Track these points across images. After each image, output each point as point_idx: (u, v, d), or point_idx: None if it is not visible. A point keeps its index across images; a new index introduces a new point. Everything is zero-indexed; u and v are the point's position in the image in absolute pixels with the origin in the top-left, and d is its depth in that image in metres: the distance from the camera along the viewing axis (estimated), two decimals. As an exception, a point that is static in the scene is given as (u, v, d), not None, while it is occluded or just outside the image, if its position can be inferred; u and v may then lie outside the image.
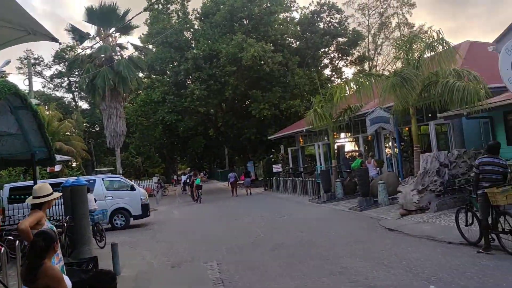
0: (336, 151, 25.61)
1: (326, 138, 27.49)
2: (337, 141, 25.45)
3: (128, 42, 26.66)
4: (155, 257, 10.78)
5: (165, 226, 17.17)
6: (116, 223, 17.27)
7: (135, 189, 17.90)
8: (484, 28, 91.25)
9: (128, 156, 51.07)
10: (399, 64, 14.24)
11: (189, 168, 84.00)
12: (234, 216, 17.47)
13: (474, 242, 8.37)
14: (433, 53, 13.61)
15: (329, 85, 30.96)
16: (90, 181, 17.47)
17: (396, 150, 19.05)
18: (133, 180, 41.54)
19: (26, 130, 12.23)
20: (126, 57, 25.93)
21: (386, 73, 15.16)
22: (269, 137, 34.49)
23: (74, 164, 52.48)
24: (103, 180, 17.89)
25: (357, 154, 19.87)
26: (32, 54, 66.44)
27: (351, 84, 15.57)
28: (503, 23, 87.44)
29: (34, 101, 21.44)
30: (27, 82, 20.01)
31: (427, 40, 13.46)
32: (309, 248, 9.80)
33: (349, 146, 28.27)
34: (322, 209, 17.27)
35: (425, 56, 13.87)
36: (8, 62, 19.60)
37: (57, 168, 27.26)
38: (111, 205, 17.10)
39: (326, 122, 19.59)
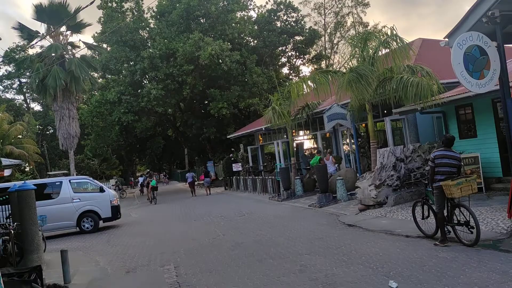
0: (295, 149, 25.69)
1: (285, 136, 27.57)
2: (296, 138, 25.55)
3: (80, 40, 25.39)
4: (109, 262, 10.34)
5: (121, 229, 16.61)
6: (85, 227, 16.56)
7: (104, 191, 17.20)
8: (435, 27, 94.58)
9: (84, 159, 49.58)
10: (354, 62, 14.25)
11: (147, 170, 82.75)
12: (193, 217, 17.14)
13: (431, 235, 8.47)
14: (388, 50, 13.78)
15: (287, 83, 31.09)
16: (56, 183, 16.87)
17: (354, 146, 19.26)
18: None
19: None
20: (79, 56, 24.99)
21: (343, 70, 15.19)
22: (228, 136, 34.28)
23: (27, 169, 50.50)
24: (70, 181, 17.07)
25: (315, 151, 19.93)
26: (-23, 54, 63.68)
27: (308, 81, 15.52)
28: (452, 20, 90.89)
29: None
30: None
31: (382, 37, 13.59)
32: (268, 247, 9.64)
33: (308, 144, 28.49)
34: (282, 207, 17.20)
35: (380, 53, 14.01)
36: None
37: (7, 172, 25.95)
38: (78, 208, 16.47)
39: (284, 120, 19.58)
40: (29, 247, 9.85)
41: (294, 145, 26.01)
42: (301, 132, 26.68)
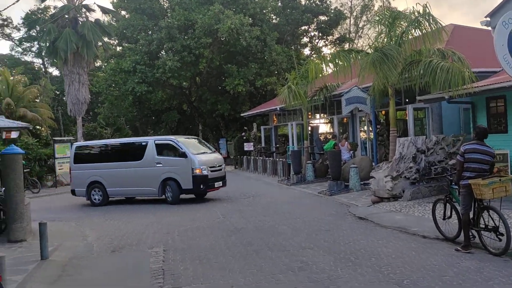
0: (309, 132, 24.67)
1: (300, 118, 26.55)
2: (311, 121, 24.48)
3: (94, 3, 24.40)
4: (98, 238, 9.62)
5: (121, 203, 15.91)
6: (167, 195, 14.42)
7: (186, 156, 14.09)
8: (467, 17, 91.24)
9: (97, 127, 49.12)
10: (379, 43, 13.09)
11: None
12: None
13: (452, 238, 7.50)
14: (417, 30, 12.59)
15: (307, 61, 29.86)
16: (142, 143, 15.14)
17: (371, 133, 18.21)
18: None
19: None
20: (93, 20, 24.14)
21: (368, 51, 14.03)
22: (242, 114, 33.34)
23: (44, 133, 50.30)
24: (155, 143, 14.84)
25: (331, 135, 18.91)
26: (0, 15, 63.34)
27: (329, 60, 14.38)
28: (485, 12, 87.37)
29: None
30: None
31: (412, 16, 12.39)
32: (269, 235, 8.78)
33: (323, 128, 27.38)
34: (290, 191, 16.32)
35: (409, 34, 12.82)
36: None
37: (14, 135, 25.50)
38: (161, 173, 14.30)
39: (300, 101, 18.54)
40: (12, 215, 9.18)
41: (309, 128, 24.98)
42: (316, 115, 25.62)
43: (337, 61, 13.76)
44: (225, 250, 7.79)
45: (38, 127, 47.58)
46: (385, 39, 13.11)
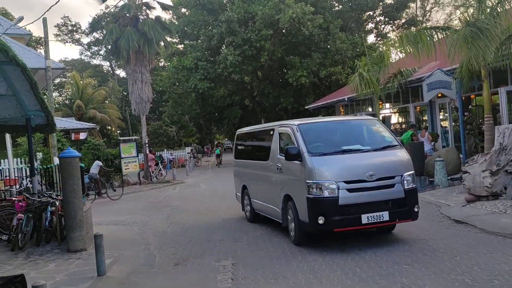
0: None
1: (370, 108, 24.79)
2: (382, 111, 22.70)
3: (154, 0, 23.93)
4: (160, 246, 8.80)
5: (187, 202, 15.22)
6: (290, 229, 8.51)
7: (300, 158, 7.78)
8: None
9: (162, 125, 49.74)
10: (469, 16, 11.32)
11: (226, 139, 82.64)
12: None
13: None
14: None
15: (377, 44, 27.92)
16: (271, 133, 9.44)
17: (456, 122, 16.35)
18: (164, 150, 40.43)
19: (17, 90, 10.37)
20: (153, 17, 23.83)
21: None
22: (306, 107, 31.97)
23: (117, 132, 51.60)
24: (279, 130, 9.00)
25: (409, 124, 17.17)
26: (70, 21, 65.94)
27: (407, 40, 12.72)
28: None
29: (55, 65, 19.83)
30: (66, 49, 18.17)
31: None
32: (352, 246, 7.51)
33: (395, 118, 25.42)
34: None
35: (505, 5, 10.98)
36: (21, 19, 17.83)
37: (83, 136, 25.87)
38: (280, 185, 8.63)
39: (372, 89, 16.96)
40: (70, 224, 8.56)
41: (380, 118, 23.22)
42: (387, 105, 23.77)
43: (417, 41, 12.12)
44: (306, 273, 6.62)
45: (108, 127, 49.09)
46: (474, 13, 11.36)
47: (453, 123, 17.87)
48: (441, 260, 6.29)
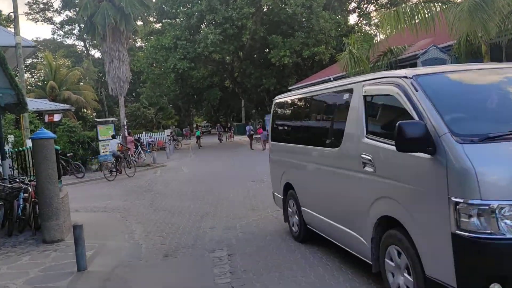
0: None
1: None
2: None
3: (131, -26, 22.64)
4: (146, 235, 8.08)
5: (170, 187, 14.48)
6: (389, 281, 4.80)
7: (435, 148, 3.55)
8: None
9: (140, 107, 48.44)
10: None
11: (205, 121, 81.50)
12: (251, 177, 14.69)
13: None
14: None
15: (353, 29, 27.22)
16: (344, 97, 5.54)
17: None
18: (143, 132, 39.30)
19: (-18, 66, 9.46)
20: (130, -7, 22.60)
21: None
22: (290, 88, 31.25)
23: (92, 115, 49.92)
24: (365, 93, 4.79)
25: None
26: (41, -4, 63.16)
27: (403, 16, 12.09)
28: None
29: (26, 43, 18.54)
30: (37, 28, 16.92)
31: None
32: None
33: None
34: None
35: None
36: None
37: (57, 117, 24.67)
38: (372, 197, 4.46)
39: (362, 68, 16.37)
40: (46, 212, 7.76)
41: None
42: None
43: (414, 16, 11.52)
44: (303, 265, 6.01)
45: (84, 110, 47.46)
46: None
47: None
48: None
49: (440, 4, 11.09)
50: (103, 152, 21.20)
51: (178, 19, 35.31)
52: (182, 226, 8.51)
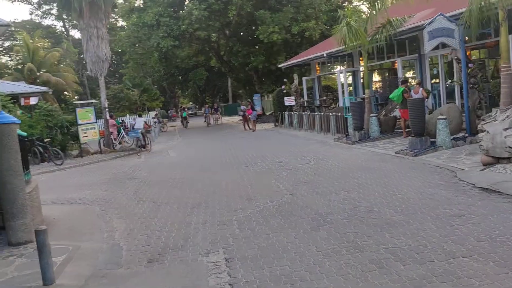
0: (362, 80, 21.54)
1: (351, 64, 23.18)
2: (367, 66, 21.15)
3: None
4: (128, 233, 6.99)
5: (156, 173, 13.32)
6: None
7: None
8: None
9: (123, 88, 46.70)
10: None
11: (191, 102, 79.78)
12: (244, 161, 13.61)
13: None
14: None
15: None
16: None
17: (456, 75, 15.06)
18: (127, 115, 37.74)
19: None
20: (108, -35, 21.00)
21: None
22: (280, 65, 30.04)
23: (75, 98, 47.95)
24: None
25: (400, 81, 15.67)
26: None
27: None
28: None
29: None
30: (14, 8, 15.38)
31: None
32: (377, 228, 5.94)
33: (377, 76, 23.96)
34: (357, 152, 13.38)
35: None
36: None
37: (33, 101, 23.21)
38: None
39: (360, 41, 15.28)
40: (10, 210, 6.61)
41: (361, 75, 21.72)
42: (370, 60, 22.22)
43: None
44: (318, 261, 5.01)
45: (65, 93, 45.55)
46: None
47: (449, 79, 16.52)
48: (496, 244, 4.79)
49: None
50: (83, 137, 19.84)
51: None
52: (170, 221, 7.43)
